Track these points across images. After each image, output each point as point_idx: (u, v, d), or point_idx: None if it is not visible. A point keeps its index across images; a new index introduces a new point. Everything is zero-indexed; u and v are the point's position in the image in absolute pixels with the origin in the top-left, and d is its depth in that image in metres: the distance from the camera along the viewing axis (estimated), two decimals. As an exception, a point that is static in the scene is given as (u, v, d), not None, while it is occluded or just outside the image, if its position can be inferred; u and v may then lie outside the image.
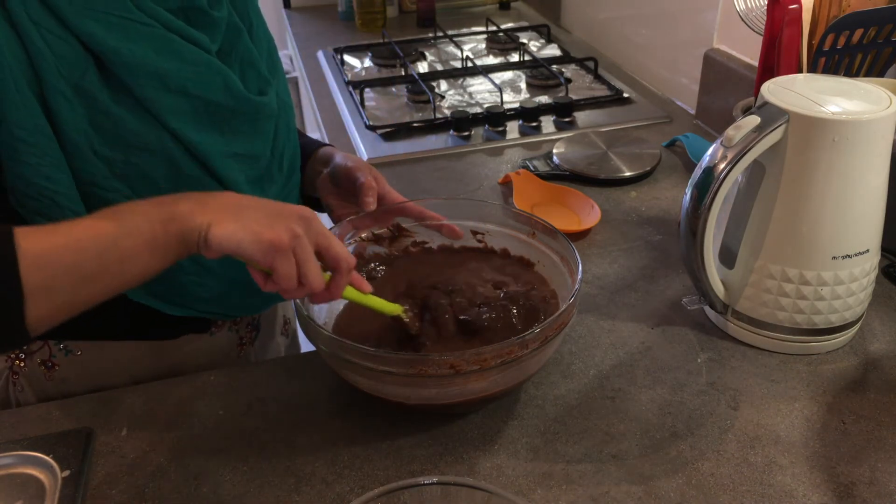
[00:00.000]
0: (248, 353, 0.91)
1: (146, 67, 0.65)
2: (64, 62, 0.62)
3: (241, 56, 0.75)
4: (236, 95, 0.72)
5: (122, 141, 0.66)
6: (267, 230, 0.59)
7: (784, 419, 0.71)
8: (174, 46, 0.67)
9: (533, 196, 1.09)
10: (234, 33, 0.74)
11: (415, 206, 0.82)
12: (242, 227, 0.58)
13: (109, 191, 0.67)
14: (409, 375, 0.63)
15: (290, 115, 0.83)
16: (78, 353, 0.78)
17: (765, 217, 0.74)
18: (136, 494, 0.65)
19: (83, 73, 0.63)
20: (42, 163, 0.63)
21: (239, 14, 0.76)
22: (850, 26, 0.87)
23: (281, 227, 0.59)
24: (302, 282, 0.61)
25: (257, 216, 0.60)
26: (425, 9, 1.97)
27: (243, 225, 0.58)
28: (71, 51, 0.62)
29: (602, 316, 0.85)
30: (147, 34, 0.65)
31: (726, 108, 1.16)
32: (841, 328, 0.78)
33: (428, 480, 0.53)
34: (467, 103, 1.45)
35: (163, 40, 0.66)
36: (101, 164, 0.66)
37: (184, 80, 0.67)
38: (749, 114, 0.72)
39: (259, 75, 0.76)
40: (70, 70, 0.63)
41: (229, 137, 0.73)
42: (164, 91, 0.66)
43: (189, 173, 0.70)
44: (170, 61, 0.66)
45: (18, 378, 0.79)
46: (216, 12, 0.72)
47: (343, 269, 0.64)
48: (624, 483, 0.64)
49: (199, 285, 0.75)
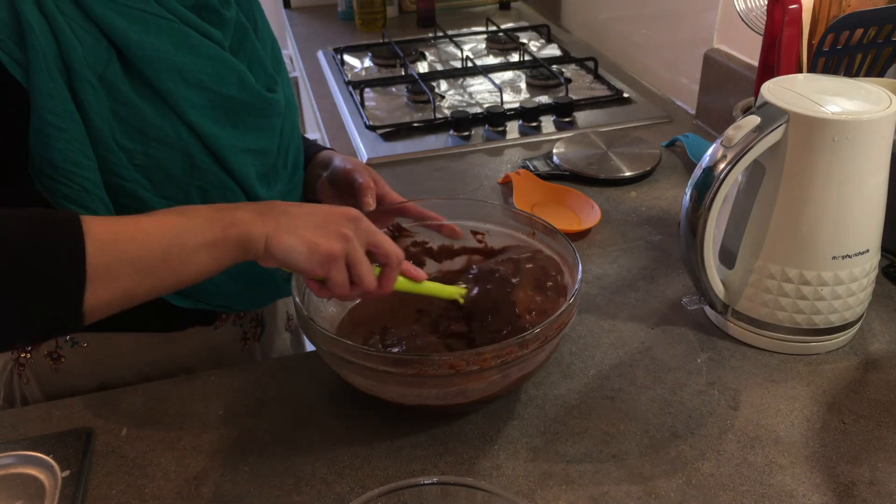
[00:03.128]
0: (253, 348, 0.91)
1: (165, 61, 0.67)
2: (90, 52, 0.64)
3: (249, 54, 0.76)
4: (249, 90, 0.74)
5: (141, 132, 0.68)
6: (322, 240, 0.61)
7: (784, 419, 0.71)
8: (191, 41, 0.69)
9: (533, 196, 1.09)
10: (241, 32, 0.76)
11: (414, 206, 0.82)
12: (300, 241, 0.60)
13: (129, 181, 0.68)
14: (409, 375, 0.63)
15: (294, 114, 0.85)
16: (84, 345, 0.79)
17: (765, 217, 0.74)
18: (136, 494, 0.65)
19: (107, 65, 0.65)
20: (70, 148, 0.64)
21: (245, 14, 0.78)
22: (850, 26, 0.87)
23: (333, 234, 0.61)
24: (355, 281, 0.63)
25: (309, 224, 0.61)
26: (425, 9, 1.97)
27: (300, 237, 0.60)
28: (95, 42, 0.64)
29: (602, 316, 0.85)
30: (165, 28, 0.67)
31: (726, 108, 1.16)
32: (841, 328, 0.78)
33: (428, 480, 0.53)
34: (467, 103, 1.45)
35: (180, 35, 0.68)
36: (122, 154, 0.67)
37: (200, 75, 0.69)
38: (749, 114, 0.72)
39: (266, 73, 0.78)
40: (95, 60, 0.64)
41: (242, 132, 0.74)
42: (181, 84, 0.68)
43: (204, 167, 0.72)
44: (187, 56, 0.68)
45: (24, 370, 0.80)
46: (226, 11, 0.74)
47: (394, 264, 0.66)
48: (624, 483, 0.64)
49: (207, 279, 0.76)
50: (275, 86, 0.78)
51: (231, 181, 0.74)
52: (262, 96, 0.75)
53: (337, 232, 0.62)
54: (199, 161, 0.71)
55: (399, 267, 0.66)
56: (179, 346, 0.83)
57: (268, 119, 0.77)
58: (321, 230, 0.61)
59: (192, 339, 0.84)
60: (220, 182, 0.73)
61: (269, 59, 0.79)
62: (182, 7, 0.69)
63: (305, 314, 0.67)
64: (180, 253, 0.57)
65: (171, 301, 0.76)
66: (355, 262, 0.63)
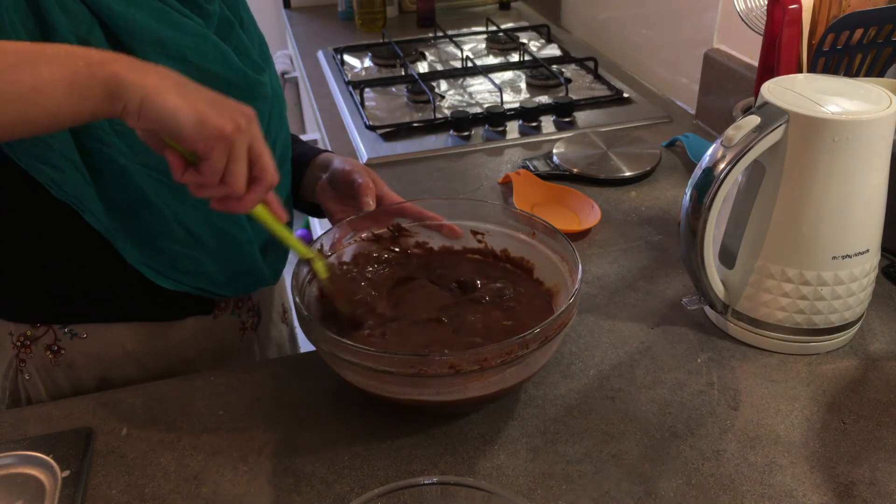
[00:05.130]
0: (251, 339, 0.91)
1: (148, 33, 0.67)
2: (72, 17, 0.63)
3: (235, 44, 0.76)
4: (234, 69, 0.73)
5: None
6: (214, 115, 0.55)
7: (784, 419, 0.71)
8: (172, 18, 0.69)
9: (533, 196, 1.09)
10: (226, 25, 0.76)
11: (414, 206, 0.82)
12: (187, 104, 0.54)
13: (108, 146, 0.67)
14: (409, 375, 0.63)
15: (282, 106, 0.84)
16: (83, 336, 0.79)
17: (765, 217, 0.74)
18: (136, 494, 0.65)
19: (89, 30, 0.65)
20: None
21: (230, 10, 0.78)
22: (850, 26, 0.87)
23: (227, 115, 0.56)
24: (225, 180, 0.58)
25: (201, 97, 0.56)
26: (425, 9, 1.97)
27: (188, 101, 0.54)
28: (77, 8, 0.64)
29: (602, 316, 0.85)
30: (146, 4, 0.67)
31: (726, 108, 1.16)
32: (841, 328, 0.78)
33: (428, 480, 0.53)
34: (467, 103, 1.45)
35: (161, 12, 0.68)
36: None
37: (183, 49, 0.69)
38: (749, 114, 0.72)
39: (252, 60, 0.77)
40: (77, 25, 0.64)
41: None
42: (164, 57, 0.67)
43: None
44: (169, 30, 0.68)
45: (26, 365, 0.80)
46: (209, 6, 0.74)
47: (265, 182, 0.61)
48: (624, 483, 0.64)
49: (187, 257, 0.76)
50: (261, 72, 0.78)
51: None
52: (247, 76, 0.74)
53: (231, 116, 0.56)
54: None
55: (269, 189, 0.61)
56: (179, 335, 0.83)
57: (253, 101, 0.75)
58: (214, 107, 0.56)
59: (191, 329, 0.84)
60: None
61: (255, 51, 0.79)
62: None
63: (305, 314, 0.67)
64: (31, 81, 0.51)
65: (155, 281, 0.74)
66: (235, 158, 0.57)
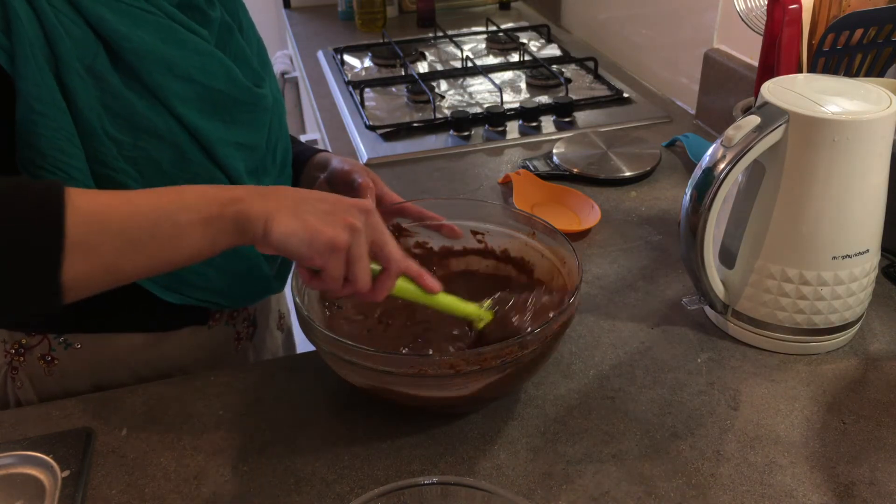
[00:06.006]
0: (246, 348, 0.91)
1: (154, 54, 0.67)
2: (77, 43, 0.64)
3: (235, 52, 0.76)
4: (238, 85, 0.74)
5: (130, 123, 0.67)
6: (327, 228, 0.58)
7: (784, 419, 0.71)
8: (179, 36, 0.69)
9: (533, 196, 1.09)
10: (226, 31, 0.76)
11: (414, 206, 0.82)
12: (302, 225, 0.57)
13: (118, 172, 0.68)
14: (408, 375, 0.63)
15: (282, 111, 0.85)
16: (77, 347, 0.78)
17: (765, 217, 0.74)
18: (136, 494, 0.65)
19: (94, 57, 0.65)
20: (57, 136, 0.64)
21: (230, 14, 0.78)
22: (850, 26, 0.87)
23: (340, 223, 0.58)
24: (349, 279, 0.60)
25: (316, 209, 0.59)
26: (425, 9, 1.97)
27: (303, 221, 0.57)
28: (83, 34, 0.64)
29: (602, 316, 0.85)
30: (153, 22, 0.67)
31: (726, 108, 1.16)
32: (841, 328, 0.78)
33: (428, 480, 0.53)
34: (467, 103, 1.45)
35: (168, 30, 0.68)
36: (112, 144, 0.67)
37: (189, 68, 0.69)
38: (749, 114, 0.72)
39: (252, 70, 0.78)
40: (83, 52, 0.64)
41: (230, 126, 0.74)
42: (170, 77, 0.68)
43: (194, 159, 0.71)
44: (175, 49, 0.68)
45: (18, 374, 0.79)
46: (211, 11, 0.74)
47: (392, 272, 0.63)
48: (624, 483, 0.64)
49: (194, 272, 0.76)
50: (262, 82, 0.79)
51: (221, 175, 0.74)
52: (249, 91, 0.75)
53: (344, 221, 0.59)
54: (188, 154, 0.71)
55: (397, 277, 0.63)
56: (174, 346, 0.82)
57: (256, 114, 0.77)
58: (328, 217, 0.58)
59: (186, 340, 0.83)
60: (210, 175, 0.73)
61: (254, 58, 0.79)
62: (168, 4, 0.69)
63: (305, 314, 0.67)
64: (171, 228, 0.55)
65: (161, 296, 0.75)
66: (355, 258, 0.59)
